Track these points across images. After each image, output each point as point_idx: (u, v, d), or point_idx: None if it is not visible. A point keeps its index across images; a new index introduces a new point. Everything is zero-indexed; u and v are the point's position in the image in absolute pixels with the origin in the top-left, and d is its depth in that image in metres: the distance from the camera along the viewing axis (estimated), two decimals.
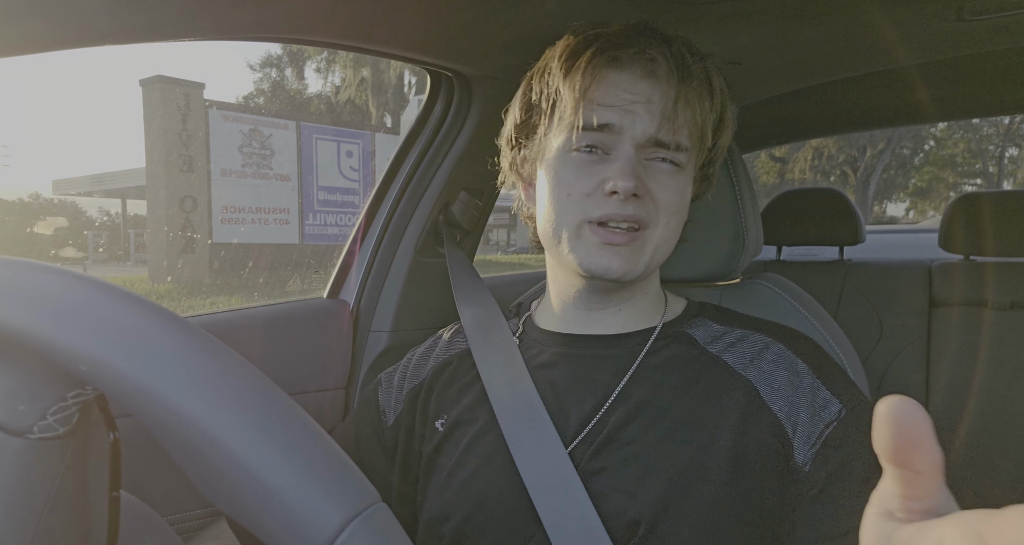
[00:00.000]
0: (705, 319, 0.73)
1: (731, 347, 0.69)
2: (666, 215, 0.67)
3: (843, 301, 1.68)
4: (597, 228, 0.65)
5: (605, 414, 0.66)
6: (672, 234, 0.69)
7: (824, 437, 0.61)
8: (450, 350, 0.82)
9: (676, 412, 0.65)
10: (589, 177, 0.65)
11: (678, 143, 0.66)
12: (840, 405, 0.63)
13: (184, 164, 11.03)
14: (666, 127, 0.65)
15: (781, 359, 0.67)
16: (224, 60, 62.81)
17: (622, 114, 0.65)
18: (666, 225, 0.67)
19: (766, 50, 1.11)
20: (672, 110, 0.64)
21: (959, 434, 1.48)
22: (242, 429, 0.30)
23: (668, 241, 0.69)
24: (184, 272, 10.93)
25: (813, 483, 0.60)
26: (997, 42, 1.09)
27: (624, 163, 0.64)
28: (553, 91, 0.68)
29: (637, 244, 0.66)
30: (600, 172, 0.65)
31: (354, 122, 16.86)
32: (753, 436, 0.62)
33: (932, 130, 20.11)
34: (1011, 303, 1.50)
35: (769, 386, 0.65)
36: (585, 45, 0.67)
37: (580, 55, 0.66)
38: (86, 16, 0.62)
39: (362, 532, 0.30)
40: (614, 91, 0.65)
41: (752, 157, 15.67)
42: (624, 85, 0.65)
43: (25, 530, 0.36)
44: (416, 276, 1.18)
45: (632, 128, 0.65)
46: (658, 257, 0.69)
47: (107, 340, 0.31)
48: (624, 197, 0.63)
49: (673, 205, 0.67)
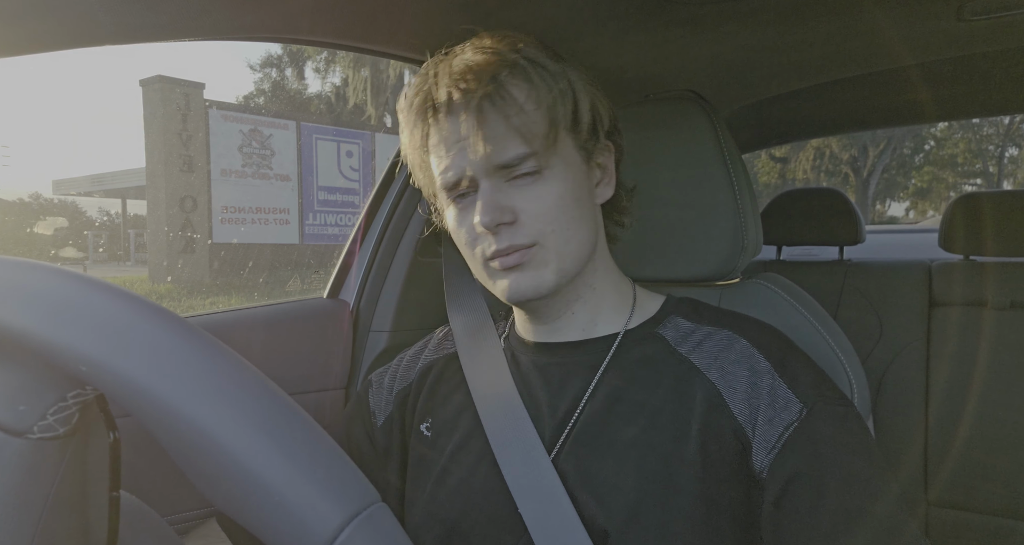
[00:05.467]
0: (676, 317, 0.71)
1: (698, 346, 0.67)
2: (546, 223, 0.64)
3: (843, 301, 1.68)
4: (495, 261, 0.65)
5: (578, 418, 0.66)
6: (571, 234, 0.65)
7: (783, 440, 0.58)
8: (438, 352, 0.82)
9: (644, 416, 0.63)
10: (467, 221, 0.66)
11: (515, 156, 0.62)
12: (800, 405, 0.60)
13: (184, 164, 11.03)
14: (494, 149, 0.62)
15: (743, 357, 0.64)
16: (224, 60, 62.81)
17: (459, 158, 0.64)
18: (554, 232, 0.64)
19: (766, 50, 1.11)
20: (480, 135, 0.62)
21: (959, 434, 1.48)
22: (242, 429, 0.30)
23: (569, 242, 0.65)
24: (184, 272, 10.94)
25: (772, 489, 0.58)
26: (997, 42, 1.09)
27: (481, 199, 0.63)
28: (408, 152, 0.70)
29: (535, 261, 0.64)
30: (471, 215, 0.65)
31: (354, 122, 16.85)
32: (717, 441, 0.60)
33: (932, 130, 20.11)
34: (1011, 303, 1.50)
35: (730, 387, 0.62)
36: (410, 101, 0.67)
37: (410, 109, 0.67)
38: (86, 16, 0.62)
39: (362, 532, 0.30)
40: (443, 137, 0.65)
41: (752, 157, 15.66)
42: (446, 129, 0.64)
43: (25, 530, 0.36)
44: (416, 276, 1.18)
45: (471, 165, 0.63)
46: (570, 261, 0.66)
47: (107, 340, 0.31)
48: (493, 231, 0.63)
49: (551, 213, 0.64)
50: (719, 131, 0.84)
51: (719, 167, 0.84)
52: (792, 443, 0.58)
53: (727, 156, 0.84)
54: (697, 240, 0.84)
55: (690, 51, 1.10)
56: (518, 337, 0.77)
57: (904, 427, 1.53)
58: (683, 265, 0.86)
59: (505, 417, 0.68)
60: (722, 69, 1.17)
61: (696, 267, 0.86)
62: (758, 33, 1.02)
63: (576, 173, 0.66)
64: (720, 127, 0.85)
